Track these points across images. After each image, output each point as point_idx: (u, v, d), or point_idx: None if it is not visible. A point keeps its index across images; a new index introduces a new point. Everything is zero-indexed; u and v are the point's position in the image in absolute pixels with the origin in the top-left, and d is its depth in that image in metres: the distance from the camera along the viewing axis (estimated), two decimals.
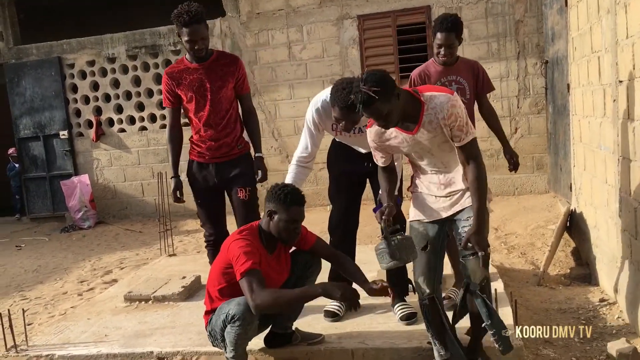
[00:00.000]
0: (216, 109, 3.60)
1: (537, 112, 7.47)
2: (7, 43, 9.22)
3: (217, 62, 3.59)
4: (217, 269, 2.99)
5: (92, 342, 3.55)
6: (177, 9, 3.43)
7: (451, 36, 3.48)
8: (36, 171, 9.47)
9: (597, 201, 4.27)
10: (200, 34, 3.42)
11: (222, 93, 3.60)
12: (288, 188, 2.92)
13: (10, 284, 5.89)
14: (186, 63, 3.61)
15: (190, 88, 3.58)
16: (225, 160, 3.69)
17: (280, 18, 8.11)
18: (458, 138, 2.61)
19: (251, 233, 2.96)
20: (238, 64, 3.67)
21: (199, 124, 3.66)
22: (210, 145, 3.66)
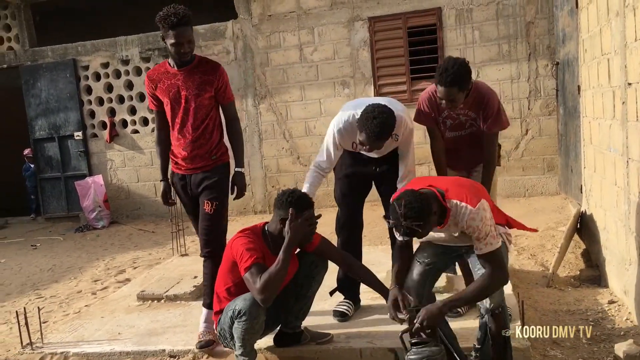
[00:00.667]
0: (190, 118, 3.42)
1: (548, 114, 7.46)
2: (23, 45, 9.36)
3: (197, 69, 3.41)
4: (223, 269, 3.06)
5: (106, 340, 3.62)
6: (162, 11, 3.30)
7: (453, 90, 3.21)
8: (51, 172, 9.60)
9: (606, 203, 4.27)
10: (187, 36, 3.29)
11: (198, 102, 3.40)
12: (296, 194, 2.96)
13: (26, 282, 5.99)
14: (167, 67, 3.47)
15: (167, 93, 3.43)
16: (198, 172, 3.51)
17: (291, 20, 8.17)
18: (477, 248, 2.64)
19: (255, 233, 3.02)
20: (218, 72, 3.46)
21: (174, 132, 3.51)
22: (184, 156, 3.49)
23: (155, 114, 3.65)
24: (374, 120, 3.04)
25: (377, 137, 3.08)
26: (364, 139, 3.12)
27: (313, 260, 3.15)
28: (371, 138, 3.09)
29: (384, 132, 3.10)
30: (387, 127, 3.10)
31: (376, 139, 3.10)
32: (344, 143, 3.42)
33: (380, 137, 3.10)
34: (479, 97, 3.37)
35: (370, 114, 3.08)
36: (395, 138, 3.36)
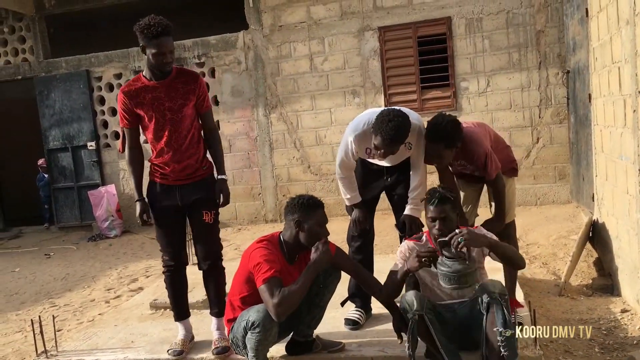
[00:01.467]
0: (177, 129, 3.38)
1: (559, 122, 7.45)
2: (37, 57, 9.50)
3: (177, 80, 3.36)
4: (239, 278, 3.08)
5: (119, 348, 3.65)
6: (143, 20, 3.22)
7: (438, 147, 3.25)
8: (64, 181, 9.70)
9: (618, 211, 4.26)
10: (169, 46, 3.21)
11: (184, 112, 3.37)
12: (306, 196, 3.03)
13: (40, 291, 6.05)
14: (144, 81, 3.36)
15: (151, 107, 3.34)
16: (189, 182, 3.45)
17: (302, 30, 8.23)
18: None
19: (272, 243, 3.04)
20: (198, 81, 3.43)
21: (160, 145, 3.41)
22: (174, 167, 3.42)
23: (126, 132, 3.50)
24: (389, 123, 3.06)
25: (392, 140, 3.08)
26: (379, 142, 3.12)
27: (327, 270, 3.16)
28: (386, 141, 3.09)
29: (399, 136, 3.10)
30: (402, 131, 3.10)
31: (391, 142, 3.09)
32: (360, 150, 3.42)
33: (395, 140, 3.09)
34: (465, 150, 3.34)
35: (385, 117, 3.10)
36: (409, 147, 3.37)
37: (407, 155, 3.46)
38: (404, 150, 3.37)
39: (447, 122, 3.21)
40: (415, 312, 2.78)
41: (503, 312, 2.63)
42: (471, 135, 3.32)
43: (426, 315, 2.79)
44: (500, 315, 2.63)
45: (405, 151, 3.39)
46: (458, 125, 3.24)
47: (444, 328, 2.86)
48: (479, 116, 7.62)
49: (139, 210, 3.47)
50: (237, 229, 8.27)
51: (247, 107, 8.57)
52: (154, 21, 3.19)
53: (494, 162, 3.35)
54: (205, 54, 8.73)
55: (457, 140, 3.22)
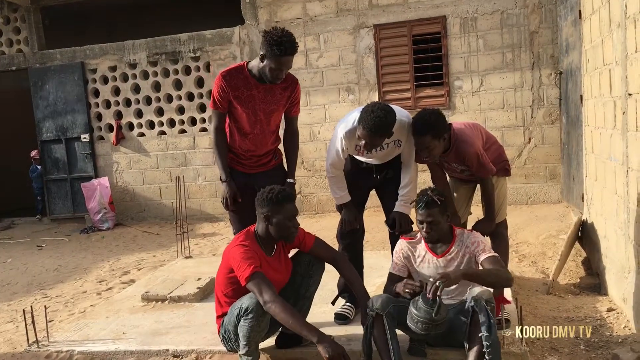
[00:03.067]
0: (265, 131, 3.53)
1: (551, 123, 7.51)
2: (32, 48, 9.47)
3: (277, 85, 3.45)
4: (221, 275, 3.13)
5: (111, 340, 3.67)
6: (276, 33, 3.23)
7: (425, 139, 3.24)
8: (57, 173, 9.69)
9: (607, 212, 4.31)
10: (289, 65, 3.31)
11: (274, 117, 3.53)
12: (275, 189, 3.04)
13: (32, 282, 6.06)
14: (246, 74, 3.44)
15: (246, 104, 3.44)
16: (262, 171, 3.63)
17: (298, 26, 8.24)
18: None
19: (249, 237, 3.08)
20: (296, 87, 3.54)
21: (244, 140, 3.55)
22: (251, 160, 3.61)
23: (215, 114, 3.55)
24: (372, 114, 3.09)
25: (373, 131, 3.09)
26: (362, 133, 3.15)
27: (310, 260, 3.22)
28: (368, 132, 3.11)
29: (381, 127, 3.11)
30: (384, 123, 3.12)
31: (373, 133, 3.11)
32: (350, 146, 3.45)
33: (377, 131, 3.10)
34: (457, 151, 3.37)
35: (369, 109, 3.14)
36: (398, 144, 3.41)
37: (397, 153, 3.49)
38: (393, 148, 3.40)
39: (430, 114, 3.24)
40: (375, 309, 2.84)
41: (488, 317, 2.66)
42: (462, 136, 3.35)
43: (385, 318, 2.82)
44: (485, 320, 2.66)
45: (395, 149, 3.43)
46: (441, 116, 3.27)
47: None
48: (472, 115, 7.67)
49: (229, 192, 3.55)
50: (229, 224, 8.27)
51: None
52: (286, 39, 3.20)
53: (486, 162, 3.39)
54: (200, 49, 8.73)
55: (443, 130, 3.24)
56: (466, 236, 3.03)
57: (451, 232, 3.06)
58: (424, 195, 2.96)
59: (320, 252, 3.24)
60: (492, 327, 2.65)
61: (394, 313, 2.87)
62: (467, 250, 2.97)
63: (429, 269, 3.07)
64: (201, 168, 8.98)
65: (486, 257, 2.86)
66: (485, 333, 2.63)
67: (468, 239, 3.00)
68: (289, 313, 2.80)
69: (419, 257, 3.10)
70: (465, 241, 2.99)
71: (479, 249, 2.91)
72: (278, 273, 3.09)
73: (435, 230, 2.96)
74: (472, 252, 2.94)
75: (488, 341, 2.62)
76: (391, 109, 3.20)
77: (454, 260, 3.00)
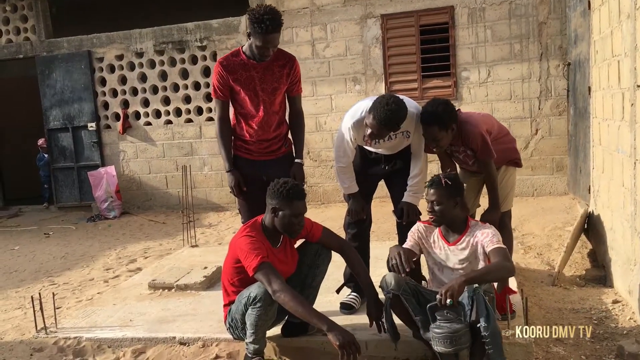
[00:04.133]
0: (269, 111, 3.52)
1: (559, 114, 7.48)
2: (39, 36, 9.48)
3: (274, 63, 3.45)
4: (228, 265, 3.15)
5: (118, 327, 3.71)
6: (257, 11, 3.23)
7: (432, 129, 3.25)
8: (64, 161, 9.73)
9: (613, 204, 4.31)
10: (275, 42, 3.29)
11: (276, 95, 3.52)
12: (289, 184, 3.02)
13: (40, 269, 6.11)
14: (243, 57, 3.45)
15: (246, 86, 3.46)
16: (272, 158, 3.63)
17: (304, 16, 8.22)
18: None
19: (255, 228, 3.09)
20: (294, 64, 3.54)
21: (250, 124, 3.56)
22: (260, 145, 3.59)
23: (218, 104, 3.58)
24: (386, 106, 3.09)
25: (383, 123, 3.10)
26: (371, 121, 3.15)
27: (317, 250, 3.23)
28: (378, 122, 3.11)
29: (391, 121, 3.11)
30: (395, 118, 3.12)
31: (382, 125, 3.11)
32: (358, 137, 3.43)
33: (386, 124, 3.11)
34: (461, 132, 3.35)
35: (384, 100, 3.13)
36: (407, 135, 3.41)
37: (405, 144, 3.49)
38: (401, 139, 3.40)
39: (439, 104, 3.25)
40: (391, 290, 2.87)
41: (486, 307, 2.67)
42: (467, 117, 3.37)
43: (402, 295, 2.87)
44: (484, 310, 2.67)
45: (404, 140, 3.43)
46: (450, 106, 3.27)
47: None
48: (479, 106, 7.65)
49: (234, 181, 3.59)
50: (235, 213, 8.31)
51: None
52: (268, 17, 3.20)
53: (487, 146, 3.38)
54: (207, 38, 8.72)
55: (450, 121, 3.24)
56: (478, 227, 3.03)
57: (465, 222, 3.06)
58: (434, 177, 3.00)
59: (328, 241, 3.25)
60: (490, 316, 2.66)
61: (408, 290, 2.91)
62: (476, 239, 2.97)
63: (440, 254, 3.08)
64: (207, 157, 9.00)
65: (492, 249, 2.87)
66: (484, 323, 2.64)
67: (479, 229, 3.00)
68: (298, 301, 2.81)
69: (433, 242, 3.11)
70: (476, 232, 3.00)
71: (486, 240, 2.91)
72: (284, 264, 3.10)
73: (440, 213, 2.97)
74: (481, 242, 2.94)
75: (486, 331, 2.64)
76: (404, 105, 3.19)
77: (465, 249, 3.01)
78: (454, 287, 2.66)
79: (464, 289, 2.69)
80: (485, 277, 2.77)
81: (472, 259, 3.01)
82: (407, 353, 3.12)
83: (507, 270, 2.85)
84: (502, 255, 2.83)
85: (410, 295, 2.91)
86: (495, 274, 2.84)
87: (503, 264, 2.79)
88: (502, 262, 2.79)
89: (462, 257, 3.02)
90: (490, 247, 2.88)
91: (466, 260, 3.02)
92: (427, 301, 2.87)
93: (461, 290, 2.69)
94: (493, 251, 2.86)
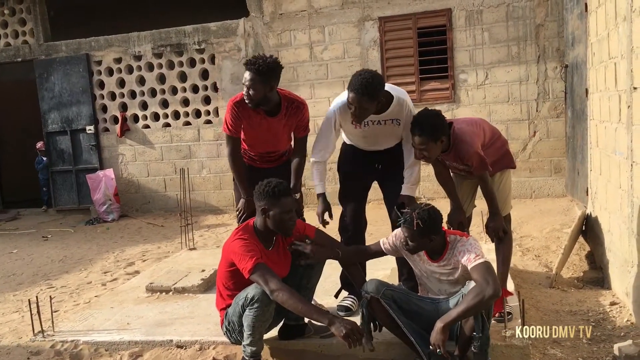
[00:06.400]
0: (275, 149, 3.74)
1: (556, 116, 7.49)
2: (37, 39, 9.49)
3: (283, 113, 3.54)
4: (222, 269, 3.16)
5: (115, 330, 3.70)
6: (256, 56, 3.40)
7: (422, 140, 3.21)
8: (63, 165, 9.73)
9: (611, 206, 4.31)
10: (255, 87, 3.34)
11: (284, 137, 3.69)
12: (272, 182, 3.04)
13: (38, 272, 6.10)
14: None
15: (256, 129, 3.58)
16: (273, 166, 3.77)
17: (302, 19, 8.23)
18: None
19: (247, 231, 3.10)
20: (303, 110, 3.61)
21: (255, 152, 3.75)
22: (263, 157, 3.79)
23: (229, 139, 3.64)
24: (359, 76, 3.15)
25: (359, 92, 3.13)
26: (350, 97, 3.19)
27: None
28: (355, 93, 3.15)
29: (367, 88, 3.14)
30: (371, 84, 3.14)
31: (360, 95, 3.14)
32: (343, 121, 3.47)
33: (363, 92, 3.13)
34: (457, 150, 3.33)
35: (356, 73, 3.21)
36: (397, 123, 3.42)
37: (397, 133, 3.50)
38: (391, 126, 3.41)
39: (429, 116, 3.22)
40: (369, 293, 2.91)
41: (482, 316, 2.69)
42: (462, 136, 3.31)
43: (382, 299, 2.89)
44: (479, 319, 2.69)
45: (395, 127, 3.43)
46: (440, 118, 3.24)
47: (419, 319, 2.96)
48: (476, 108, 7.66)
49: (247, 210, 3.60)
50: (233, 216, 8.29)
51: None
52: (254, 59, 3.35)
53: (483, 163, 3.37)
54: (205, 40, 8.73)
55: (440, 133, 3.21)
56: (457, 244, 2.98)
57: (444, 240, 3.01)
58: (408, 214, 2.90)
59: (321, 242, 3.26)
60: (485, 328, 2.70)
61: (393, 297, 2.93)
62: (456, 260, 2.96)
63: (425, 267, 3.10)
64: (205, 160, 9.00)
65: (472, 267, 2.82)
66: (477, 334, 2.70)
67: (457, 248, 2.96)
68: (297, 299, 2.83)
69: (417, 256, 3.10)
70: (454, 251, 2.96)
71: (464, 259, 2.88)
72: (277, 266, 3.10)
73: (414, 248, 2.97)
74: (461, 262, 2.92)
75: (477, 342, 2.70)
76: (378, 73, 3.26)
77: (447, 266, 3.01)
78: (438, 338, 2.68)
79: (448, 331, 2.71)
80: (465, 315, 2.73)
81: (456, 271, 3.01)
82: (402, 356, 3.12)
83: (486, 302, 2.70)
84: (484, 272, 2.77)
85: (391, 300, 2.92)
86: (475, 309, 2.70)
87: (481, 294, 2.67)
88: (478, 291, 2.69)
89: (446, 271, 3.02)
90: (470, 266, 2.84)
91: (451, 274, 3.02)
92: (418, 307, 2.95)
93: (445, 336, 2.70)
94: (473, 269, 2.81)
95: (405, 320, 2.92)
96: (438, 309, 2.97)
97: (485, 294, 2.67)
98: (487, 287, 2.69)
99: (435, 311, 2.96)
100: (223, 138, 4.61)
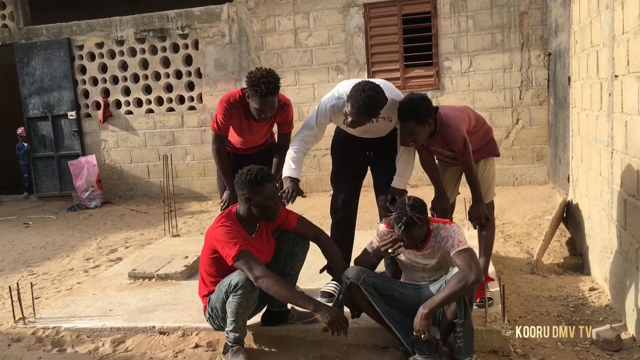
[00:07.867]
0: (256, 144, 3.84)
1: (539, 104, 7.54)
2: (17, 23, 9.32)
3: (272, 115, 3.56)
4: (205, 257, 3.15)
5: (97, 316, 3.69)
6: (255, 74, 3.31)
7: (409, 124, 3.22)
8: (44, 151, 9.61)
9: (591, 193, 4.36)
10: (272, 105, 3.39)
11: (267, 133, 3.81)
12: (254, 170, 3.03)
13: (19, 259, 6.04)
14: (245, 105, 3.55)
15: (245, 127, 3.66)
16: (255, 152, 3.85)
17: (287, 4, 8.17)
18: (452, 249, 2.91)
19: (230, 218, 3.09)
20: (288, 110, 3.67)
21: (240, 144, 3.84)
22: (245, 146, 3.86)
23: (217, 137, 3.66)
24: (362, 93, 3.10)
25: (361, 111, 3.11)
26: (350, 110, 3.17)
27: (294, 238, 3.25)
28: (355, 110, 3.12)
29: (369, 108, 3.12)
30: (372, 105, 3.12)
31: (359, 113, 3.13)
32: (334, 118, 3.47)
33: (364, 112, 3.12)
34: (443, 135, 3.33)
35: (360, 87, 3.13)
36: (389, 120, 3.42)
37: (389, 128, 3.50)
38: (384, 123, 3.41)
39: (416, 100, 3.21)
40: (349, 279, 2.93)
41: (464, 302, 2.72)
42: (448, 120, 3.33)
43: (362, 286, 2.92)
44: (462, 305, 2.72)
45: (387, 124, 3.43)
46: (426, 101, 3.25)
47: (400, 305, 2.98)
48: (460, 96, 7.68)
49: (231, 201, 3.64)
50: (217, 203, 8.27)
51: (230, 81, 8.53)
52: (265, 80, 3.28)
53: (468, 149, 3.39)
54: (188, 26, 8.64)
55: (426, 116, 3.22)
56: (440, 231, 3.01)
57: (428, 228, 3.03)
58: (403, 215, 2.88)
59: (303, 230, 3.26)
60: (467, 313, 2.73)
61: (374, 283, 2.95)
62: (439, 246, 2.99)
63: (408, 256, 3.11)
64: (189, 147, 8.94)
65: (455, 253, 2.85)
66: (460, 320, 2.73)
67: (440, 234, 2.99)
68: (282, 285, 2.85)
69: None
70: (437, 237, 2.99)
71: (448, 245, 2.91)
72: (261, 253, 3.10)
73: (414, 241, 2.98)
74: (444, 248, 2.96)
75: (460, 327, 2.73)
76: (382, 90, 3.18)
77: (431, 254, 3.04)
78: (423, 324, 2.72)
79: (432, 317, 2.75)
80: (448, 301, 2.75)
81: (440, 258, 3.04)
82: (385, 341, 3.14)
83: (469, 287, 2.73)
84: (467, 258, 2.80)
85: (371, 287, 2.94)
86: (458, 295, 2.73)
87: (464, 280, 2.70)
88: (462, 276, 2.72)
89: (430, 260, 3.05)
90: (453, 252, 2.86)
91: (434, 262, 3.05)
92: (399, 293, 2.97)
93: (429, 322, 2.73)
94: (456, 255, 2.84)
95: (385, 307, 2.94)
96: (420, 294, 3.00)
97: (469, 279, 2.70)
98: (470, 273, 2.72)
99: (417, 297, 2.98)
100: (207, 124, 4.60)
